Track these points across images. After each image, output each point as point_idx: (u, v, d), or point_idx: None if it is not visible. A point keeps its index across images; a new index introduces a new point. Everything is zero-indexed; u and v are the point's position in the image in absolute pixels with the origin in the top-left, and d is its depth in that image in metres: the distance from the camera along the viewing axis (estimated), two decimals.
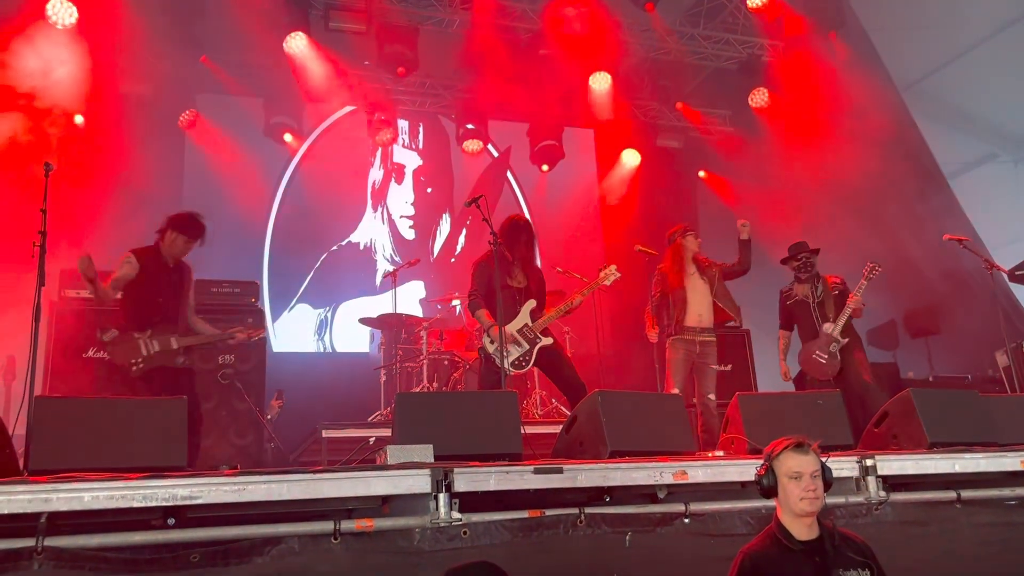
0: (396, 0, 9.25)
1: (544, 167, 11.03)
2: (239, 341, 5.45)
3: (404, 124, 10.88)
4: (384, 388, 7.87)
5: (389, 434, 5.26)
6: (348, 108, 10.43)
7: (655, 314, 6.33)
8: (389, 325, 8.24)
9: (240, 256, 9.46)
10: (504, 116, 10.86)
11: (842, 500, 3.94)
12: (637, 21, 9.96)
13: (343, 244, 10.44)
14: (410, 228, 10.82)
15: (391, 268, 9.08)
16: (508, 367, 5.48)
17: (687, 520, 3.68)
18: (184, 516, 3.11)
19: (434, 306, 9.73)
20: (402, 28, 9.36)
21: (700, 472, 3.77)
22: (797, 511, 2.85)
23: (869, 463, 4.00)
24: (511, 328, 5.55)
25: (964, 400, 4.89)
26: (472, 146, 10.70)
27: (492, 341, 5.41)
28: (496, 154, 11.35)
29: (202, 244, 5.41)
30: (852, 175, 9.74)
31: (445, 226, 11.00)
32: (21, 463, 3.50)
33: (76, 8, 7.93)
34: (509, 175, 11.44)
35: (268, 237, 10.05)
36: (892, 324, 10.29)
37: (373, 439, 6.36)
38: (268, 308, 9.59)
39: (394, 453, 3.50)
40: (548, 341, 5.63)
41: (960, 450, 4.30)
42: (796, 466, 2.88)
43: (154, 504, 2.96)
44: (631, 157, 11.27)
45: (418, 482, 3.27)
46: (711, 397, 6.16)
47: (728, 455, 4.38)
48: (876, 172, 9.74)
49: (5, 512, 2.78)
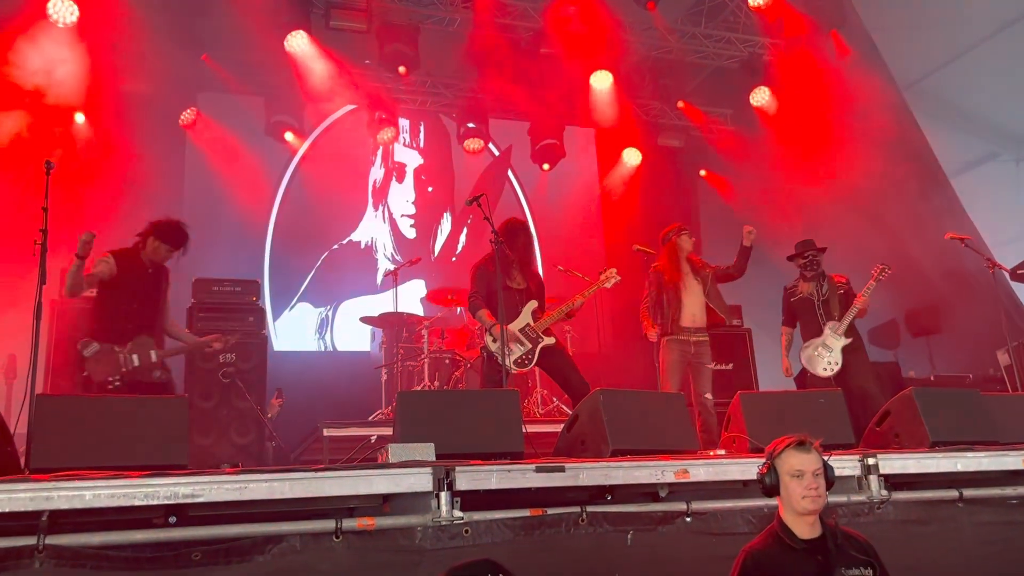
0: None
1: (545, 166, 11.03)
2: (215, 351, 5.39)
3: (405, 123, 10.88)
4: (385, 387, 7.88)
5: (390, 433, 5.27)
6: (349, 107, 10.42)
7: (651, 313, 6.32)
8: (390, 324, 8.24)
9: (241, 255, 9.47)
10: (505, 115, 10.86)
11: (844, 499, 3.93)
12: (638, 20, 9.95)
13: (344, 243, 10.44)
14: (411, 227, 10.82)
15: (392, 267, 9.08)
16: (511, 365, 5.48)
17: (689, 519, 3.67)
18: (186, 514, 3.11)
19: (435, 305, 9.73)
20: (403, 27, 9.37)
21: (702, 471, 3.77)
22: (799, 509, 2.84)
23: (871, 462, 4.00)
24: (513, 327, 5.56)
25: (966, 399, 4.88)
26: (473, 145, 10.70)
27: (495, 340, 5.41)
28: (497, 153, 11.34)
29: (184, 254, 5.32)
30: (853, 174, 9.74)
31: (446, 225, 10.99)
32: (22, 461, 3.50)
33: (77, 7, 7.94)
34: (510, 174, 11.44)
35: (269, 236, 10.05)
36: (893, 323, 10.29)
37: (375, 437, 6.37)
38: (269, 307, 9.59)
39: (395, 451, 3.50)
40: (550, 341, 5.63)
41: (962, 449, 4.30)
42: (798, 464, 2.87)
43: (156, 502, 2.95)
44: (632, 156, 11.26)
45: (420, 480, 3.27)
46: (708, 396, 6.13)
47: (730, 454, 4.38)
48: (877, 171, 9.74)
49: (6, 510, 2.78)
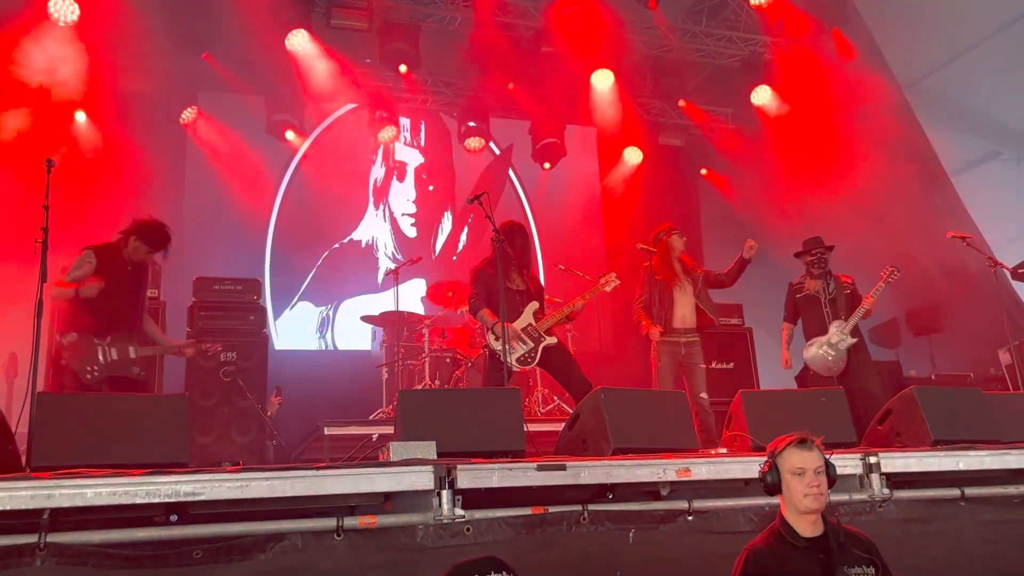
0: None
1: (546, 165, 11.03)
2: (187, 356, 5.37)
3: (406, 122, 10.87)
4: (386, 386, 7.89)
5: (391, 431, 5.27)
6: (350, 106, 10.44)
7: (647, 312, 6.31)
8: (391, 323, 8.24)
9: (242, 254, 9.48)
10: (506, 114, 10.86)
11: (846, 497, 3.92)
12: (639, 18, 9.95)
13: (345, 242, 10.44)
14: (412, 226, 10.81)
15: (393, 266, 9.07)
16: (514, 363, 5.51)
17: (690, 517, 3.66)
18: (187, 512, 3.10)
19: (435, 304, 9.73)
20: (404, 25, 9.37)
21: (703, 469, 3.76)
22: (801, 508, 2.84)
23: (873, 460, 3.99)
24: (516, 326, 5.59)
25: (967, 398, 4.88)
26: (474, 144, 10.70)
27: (497, 338, 5.41)
28: (498, 152, 11.34)
29: (165, 256, 5.28)
30: (855, 173, 9.73)
31: (447, 224, 10.99)
32: (24, 459, 3.50)
33: (78, 5, 7.94)
34: (511, 173, 11.43)
35: (270, 235, 10.05)
36: (894, 322, 10.28)
37: (376, 436, 6.38)
38: (270, 306, 9.59)
39: (397, 450, 3.50)
40: (553, 340, 5.65)
41: (964, 448, 4.28)
42: (800, 462, 2.87)
43: (157, 500, 2.95)
44: (633, 155, 11.26)
45: (421, 479, 3.26)
46: (703, 396, 6.12)
47: (731, 452, 4.38)
48: (879, 170, 9.73)
49: (7, 508, 2.77)
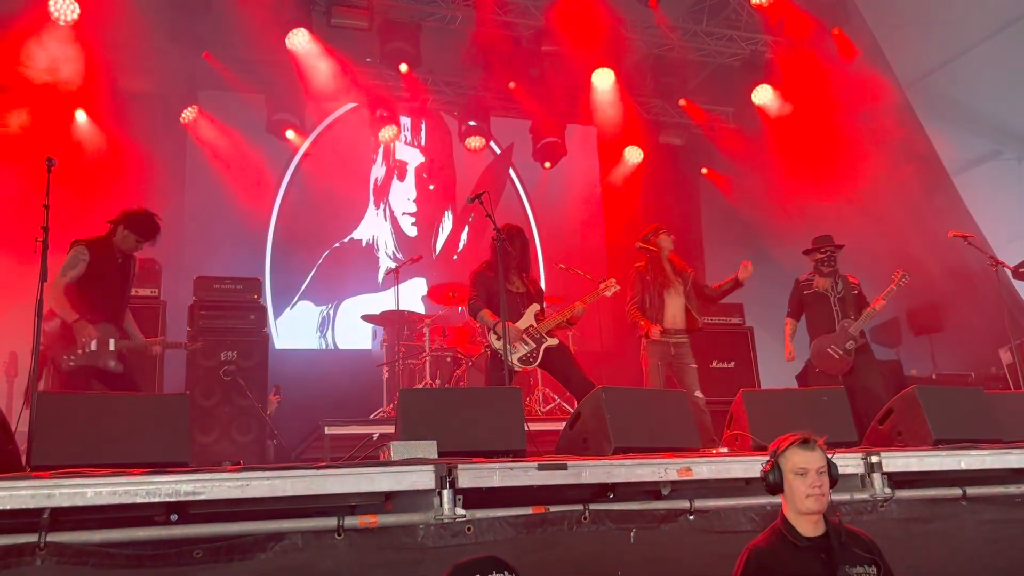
0: None
1: (547, 164, 11.02)
2: (152, 354, 5.36)
3: (406, 121, 10.85)
4: (386, 385, 7.88)
5: (391, 431, 5.27)
6: (350, 105, 10.43)
7: (642, 312, 6.30)
8: (391, 322, 8.23)
9: (242, 253, 9.47)
10: (506, 113, 10.85)
11: (847, 497, 3.92)
12: (640, 17, 9.95)
13: (345, 241, 10.44)
14: (412, 225, 10.81)
15: (393, 265, 9.06)
16: (515, 363, 5.52)
17: (692, 517, 3.66)
18: (187, 512, 3.10)
19: (436, 303, 9.72)
20: (404, 25, 9.36)
21: (705, 469, 3.76)
22: (803, 508, 2.83)
23: (874, 460, 3.98)
24: (518, 326, 5.61)
25: (969, 397, 4.87)
26: (474, 143, 10.68)
27: (499, 338, 5.41)
28: (498, 151, 11.33)
29: (153, 245, 5.29)
30: (856, 173, 9.72)
31: (447, 223, 10.98)
32: (24, 459, 3.50)
33: (78, 4, 7.93)
34: (511, 172, 11.42)
35: (270, 234, 10.04)
36: (895, 321, 10.27)
37: (377, 435, 6.37)
38: (270, 305, 9.58)
39: (398, 449, 3.49)
40: (554, 342, 5.66)
41: (965, 447, 4.28)
42: (802, 462, 2.86)
43: (157, 500, 2.94)
44: (633, 154, 11.24)
45: (422, 478, 3.26)
46: (698, 395, 6.11)
47: (733, 452, 4.37)
48: (880, 170, 9.73)
49: (7, 508, 2.77)
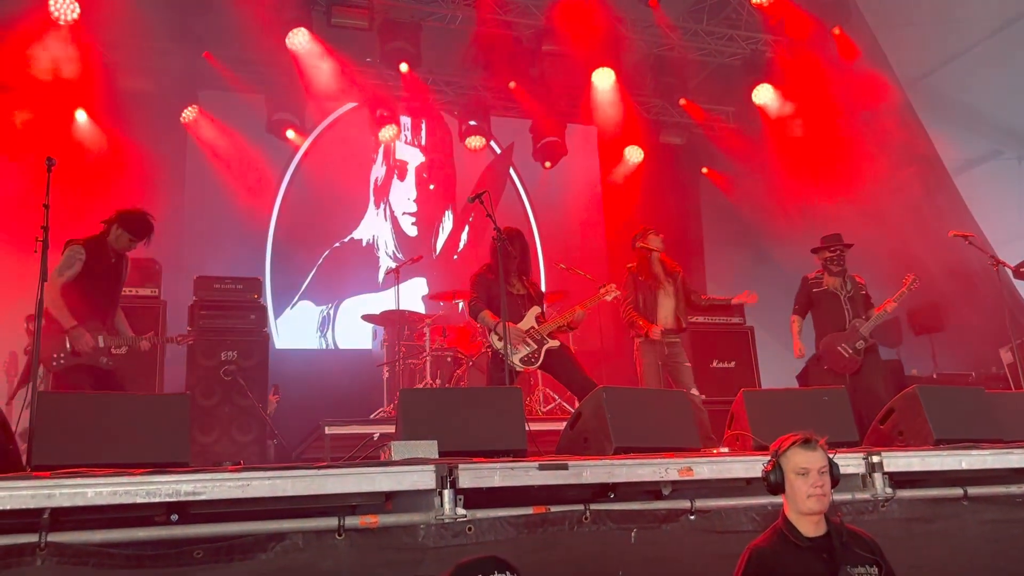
0: None
1: (547, 164, 11.00)
2: (140, 349, 5.38)
3: (407, 121, 10.84)
4: (387, 385, 7.88)
5: (392, 431, 5.27)
6: (350, 104, 10.42)
7: (639, 312, 6.30)
8: (392, 322, 8.23)
9: (242, 252, 9.47)
10: (507, 113, 10.84)
11: (848, 497, 3.91)
12: (640, 17, 9.94)
13: (345, 241, 10.43)
14: (412, 225, 10.80)
15: (393, 265, 9.06)
16: (517, 363, 5.55)
17: (692, 517, 3.65)
18: (187, 512, 3.09)
19: (436, 303, 9.72)
20: (405, 24, 9.36)
21: (706, 468, 3.75)
22: (804, 508, 2.83)
23: (875, 460, 3.98)
24: (520, 327, 5.62)
25: (970, 397, 4.87)
26: (474, 143, 10.67)
27: (500, 338, 5.42)
28: (499, 151, 11.32)
29: (147, 244, 5.32)
30: (856, 173, 9.72)
31: (448, 223, 10.98)
32: (24, 459, 3.49)
33: (79, 4, 7.93)
34: (512, 172, 11.42)
35: (271, 234, 10.03)
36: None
37: (377, 435, 6.37)
38: (270, 304, 9.57)
39: (398, 449, 3.49)
40: (555, 344, 5.68)
41: (966, 447, 4.27)
42: (803, 462, 2.86)
43: (157, 500, 2.94)
44: (634, 154, 11.23)
45: (422, 478, 3.25)
46: (695, 392, 6.14)
47: (734, 451, 4.37)
48: (881, 170, 9.73)
49: (8, 508, 2.76)
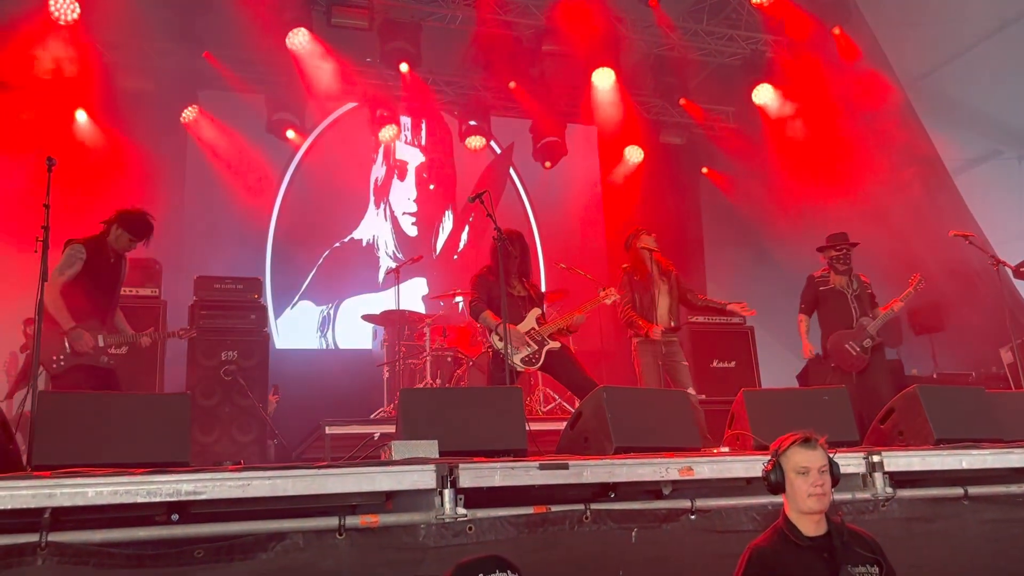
0: None
1: (547, 164, 11.00)
2: (144, 344, 5.40)
3: (407, 121, 10.84)
4: (387, 385, 7.88)
5: (392, 430, 5.27)
6: (350, 104, 10.43)
7: (637, 313, 6.31)
8: (392, 322, 8.23)
9: (243, 252, 9.48)
10: (507, 113, 10.84)
11: (849, 496, 3.91)
12: (640, 17, 9.95)
13: (346, 241, 10.43)
14: (412, 225, 10.80)
15: (394, 265, 9.06)
16: (518, 363, 5.56)
17: (693, 516, 3.65)
18: (188, 512, 3.09)
19: (437, 303, 9.73)
20: (405, 24, 9.36)
21: (706, 468, 3.75)
22: (805, 508, 2.83)
23: (876, 459, 3.97)
24: (521, 328, 5.64)
25: (970, 397, 4.86)
26: (475, 143, 10.67)
27: (501, 339, 5.43)
28: (499, 151, 11.32)
29: (147, 244, 5.33)
30: (856, 172, 9.72)
31: (448, 223, 10.98)
32: (24, 458, 3.49)
33: (79, 4, 7.93)
34: (512, 172, 11.42)
35: (271, 234, 10.04)
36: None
37: (377, 435, 6.37)
38: (271, 304, 9.58)
39: (399, 449, 3.49)
40: (556, 345, 5.69)
41: (966, 446, 4.27)
42: (803, 461, 2.86)
43: (158, 499, 2.94)
44: (634, 153, 11.23)
45: (423, 478, 3.25)
46: (691, 392, 6.15)
47: (734, 451, 4.37)
48: (880, 169, 9.72)
49: (8, 507, 2.76)
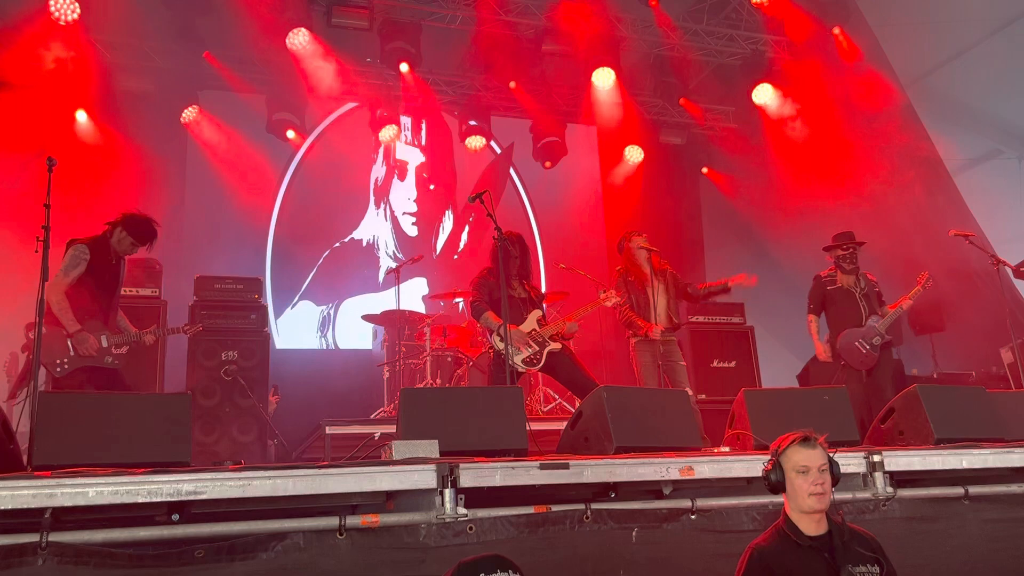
0: None
1: (547, 164, 11.00)
2: (147, 343, 5.40)
3: (407, 121, 10.85)
4: (387, 385, 7.87)
5: (392, 430, 5.27)
6: (351, 104, 10.44)
7: (636, 313, 6.32)
8: (392, 322, 8.23)
9: (243, 252, 9.47)
10: (507, 113, 10.84)
11: (849, 496, 3.91)
12: (640, 17, 9.95)
13: (346, 241, 10.43)
14: (412, 225, 10.80)
15: (394, 265, 9.07)
16: (519, 364, 5.57)
17: (693, 516, 3.65)
18: (189, 512, 3.09)
19: (437, 303, 9.73)
20: (405, 24, 9.36)
21: (706, 468, 3.75)
22: (805, 507, 2.83)
23: (876, 459, 3.97)
24: (522, 329, 5.65)
25: (970, 396, 4.86)
26: (475, 143, 10.67)
27: (502, 339, 5.43)
28: (499, 151, 11.32)
29: (149, 250, 5.36)
30: (856, 171, 9.72)
31: (448, 223, 10.98)
32: (25, 459, 3.49)
33: (79, 4, 7.93)
34: (512, 172, 11.42)
35: (271, 234, 10.04)
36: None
37: (378, 434, 6.37)
38: (271, 304, 9.58)
39: (399, 449, 3.48)
40: (557, 346, 5.70)
41: (967, 446, 4.27)
42: (803, 460, 2.86)
43: (159, 499, 2.94)
44: (634, 153, 11.23)
45: (424, 477, 3.25)
46: (688, 392, 6.14)
47: (734, 451, 4.37)
48: (880, 168, 9.72)
49: (9, 507, 2.77)
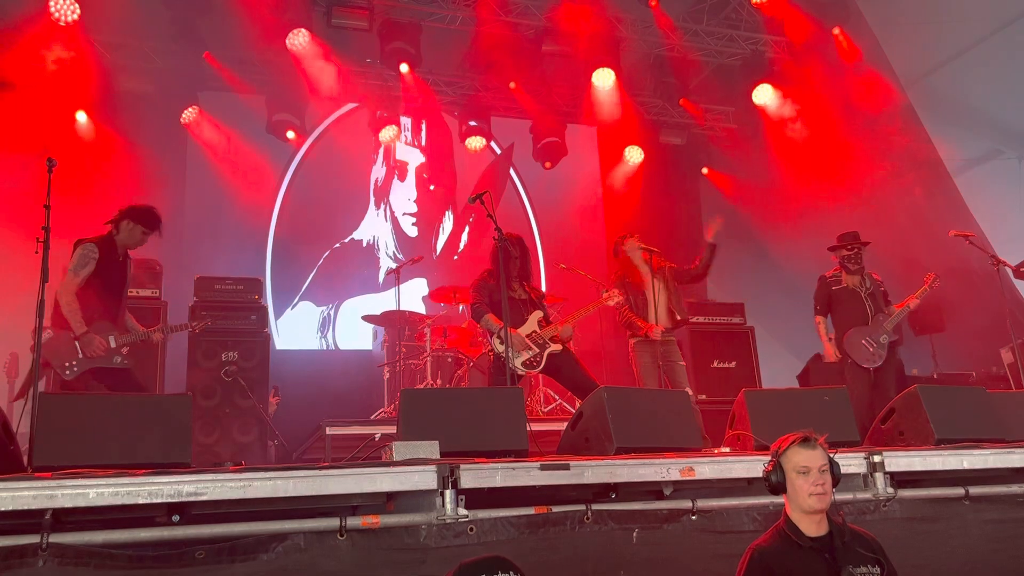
0: None
1: (547, 164, 11.00)
2: (152, 342, 5.41)
3: (407, 121, 10.85)
4: (387, 385, 7.87)
5: (392, 431, 5.27)
6: (351, 105, 10.44)
7: (634, 313, 6.33)
8: (392, 322, 8.23)
9: (243, 253, 9.48)
10: (507, 113, 10.84)
11: (850, 496, 3.91)
12: (640, 17, 9.95)
13: (346, 241, 10.43)
14: (413, 225, 10.80)
15: (394, 265, 9.07)
16: (519, 367, 5.57)
17: (694, 517, 3.65)
18: (189, 513, 3.10)
19: (437, 303, 9.72)
20: (405, 25, 9.37)
21: (707, 468, 3.75)
22: (806, 507, 2.83)
23: (877, 459, 3.97)
24: (522, 331, 5.64)
25: (971, 396, 4.86)
26: (475, 143, 10.67)
27: (502, 342, 5.43)
28: (499, 151, 11.32)
29: (160, 236, 5.34)
30: (856, 171, 9.72)
31: (448, 223, 10.98)
32: (25, 460, 3.49)
33: (79, 4, 7.93)
34: (512, 172, 11.42)
35: (271, 234, 10.04)
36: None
37: (378, 435, 6.37)
38: (271, 305, 9.58)
39: (400, 449, 3.48)
40: (557, 348, 5.69)
41: (967, 446, 4.27)
42: (804, 461, 2.86)
43: (159, 500, 2.94)
44: (634, 154, 11.23)
45: (424, 478, 3.26)
46: (688, 392, 6.15)
47: (735, 451, 4.36)
48: (880, 168, 9.73)
49: (10, 508, 2.77)
